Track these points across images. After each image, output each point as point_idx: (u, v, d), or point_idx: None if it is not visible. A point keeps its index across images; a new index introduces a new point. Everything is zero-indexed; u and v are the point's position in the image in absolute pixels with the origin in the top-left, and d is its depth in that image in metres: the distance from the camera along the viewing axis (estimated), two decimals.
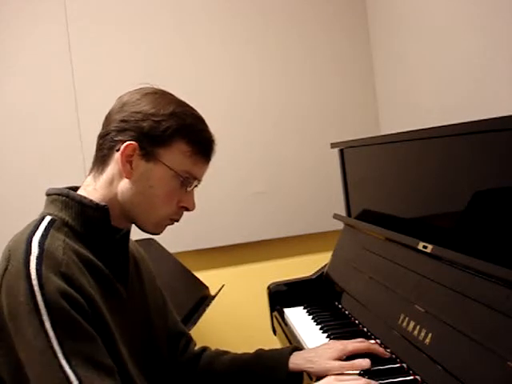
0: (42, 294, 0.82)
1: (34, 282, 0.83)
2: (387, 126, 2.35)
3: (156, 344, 1.10)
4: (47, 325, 0.82)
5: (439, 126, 1.18)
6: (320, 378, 1.03)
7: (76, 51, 2.16)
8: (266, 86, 2.33)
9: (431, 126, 1.24)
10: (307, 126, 2.37)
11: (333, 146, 1.83)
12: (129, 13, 2.21)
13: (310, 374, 1.11)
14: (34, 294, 0.82)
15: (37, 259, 0.85)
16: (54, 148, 2.14)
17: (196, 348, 1.23)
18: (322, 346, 1.18)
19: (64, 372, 0.81)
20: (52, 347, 0.81)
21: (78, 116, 2.17)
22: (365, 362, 1.07)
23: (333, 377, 1.00)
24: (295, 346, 1.20)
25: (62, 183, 1.04)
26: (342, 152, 1.82)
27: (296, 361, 1.12)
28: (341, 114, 2.39)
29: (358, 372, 1.07)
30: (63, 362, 0.81)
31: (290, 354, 1.14)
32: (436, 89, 1.87)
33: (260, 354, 1.18)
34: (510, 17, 1.46)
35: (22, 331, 0.83)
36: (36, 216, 0.98)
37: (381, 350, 1.15)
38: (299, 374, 1.12)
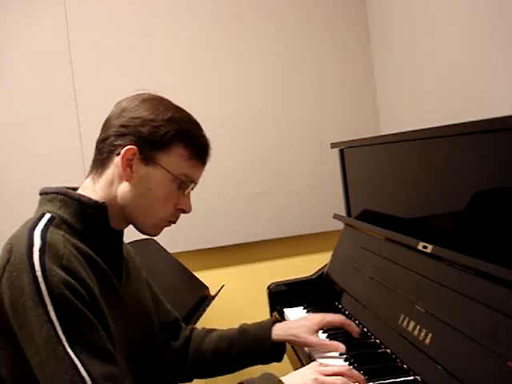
0: (46, 285, 0.84)
1: (38, 273, 0.85)
2: (387, 126, 2.35)
3: (154, 336, 1.14)
4: (52, 314, 0.84)
5: (439, 126, 1.17)
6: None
7: (76, 51, 2.16)
8: (266, 86, 2.33)
9: (431, 125, 1.24)
10: (307, 126, 2.36)
11: (333, 146, 1.83)
12: (129, 13, 2.21)
13: (292, 344, 1.26)
14: (38, 284, 0.84)
15: (39, 251, 0.87)
16: (53, 148, 2.14)
17: (185, 331, 1.29)
18: (301, 318, 1.28)
19: (70, 359, 0.83)
20: (58, 336, 0.83)
21: (78, 116, 2.17)
22: (341, 346, 1.18)
23: (317, 362, 1.04)
24: (276, 318, 1.30)
25: (61, 183, 1.04)
26: (342, 152, 1.82)
27: (278, 332, 1.22)
28: (341, 114, 2.39)
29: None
30: (69, 350, 0.83)
31: (272, 325, 1.24)
32: (436, 89, 1.87)
33: (244, 328, 1.26)
34: (510, 17, 1.46)
35: (27, 321, 0.84)
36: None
37: (353, 326, 1.27)
38: (282, 344, 1.23)
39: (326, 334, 1.33)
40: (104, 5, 2.19)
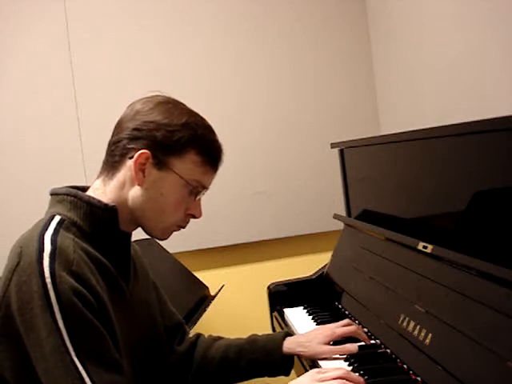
0: (55, 292, 0.84)
1: (48, 279, 0.84)
2: (387, 126, 2.35)
3: (158, 337, 1.14)
4: (60, 322, 0.84)
5: (439, 126, 1.17)
6: (312, 360, 1.18)
7: (76, 51, 2.16)
8: (266, 86, 2.33)
9: (431, 126, 1.24)
10: (307, 127, 2.36)
11: (333, 146, 1.83)
12: (129, 12, 2.21)
13: (301, 357, 1.22)
14: (47, 291, 0.84)
15: (50, 257, 0.86)
16: (53, 148, 2.14)
17: (190, 336, 1.28)
18: (312, 331, 1.26)
19: (76, 368, 0.83)
20: (64, 344, 0.83)
21: (77, 116, 2.16)
22: (353, 347, 1.16)
23: (315, 369, 1.03)
24: (286, 331, 1.27)
25: (62, 183, 1.04)
26: (342, 152, 1.82)
27: (289, 345, 1.20)
28: (341, 114, 2.39)
29: (345, 357, 1.15)
30: (75, 359, 0.83)
31: (283, 338, 1.22)
32: (436, 89, 1.87)
33: (254, 339, 1.24)
34: (510, 17, 1.46)
35: (35, 327, 0.84)
36: (36, 216, 0.99)
37: (364, 334, 1.24)
38: (291, 357, 1.21)
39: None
40: (104, 5, 2.19)
